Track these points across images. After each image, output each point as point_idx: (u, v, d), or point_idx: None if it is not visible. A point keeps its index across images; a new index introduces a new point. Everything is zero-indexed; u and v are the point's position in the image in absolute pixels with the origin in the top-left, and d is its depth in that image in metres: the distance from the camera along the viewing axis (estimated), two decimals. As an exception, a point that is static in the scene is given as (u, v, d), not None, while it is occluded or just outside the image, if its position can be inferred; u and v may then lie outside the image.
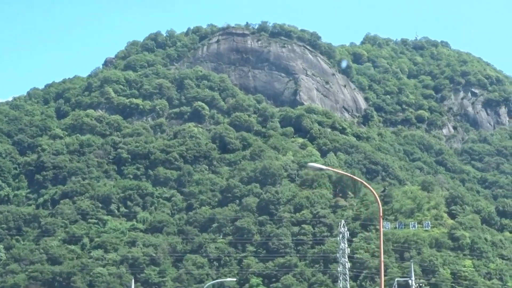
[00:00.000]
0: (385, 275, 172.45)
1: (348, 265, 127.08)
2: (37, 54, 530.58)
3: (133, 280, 65.86)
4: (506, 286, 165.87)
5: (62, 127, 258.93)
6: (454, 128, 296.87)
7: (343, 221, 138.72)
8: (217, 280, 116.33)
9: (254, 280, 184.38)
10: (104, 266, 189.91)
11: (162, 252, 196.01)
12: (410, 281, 40.90)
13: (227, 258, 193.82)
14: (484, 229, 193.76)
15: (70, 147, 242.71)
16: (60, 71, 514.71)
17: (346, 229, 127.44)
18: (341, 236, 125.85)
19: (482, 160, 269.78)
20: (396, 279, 53.89)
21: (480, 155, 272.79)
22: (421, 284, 50.29)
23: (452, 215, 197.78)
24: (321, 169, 33.98)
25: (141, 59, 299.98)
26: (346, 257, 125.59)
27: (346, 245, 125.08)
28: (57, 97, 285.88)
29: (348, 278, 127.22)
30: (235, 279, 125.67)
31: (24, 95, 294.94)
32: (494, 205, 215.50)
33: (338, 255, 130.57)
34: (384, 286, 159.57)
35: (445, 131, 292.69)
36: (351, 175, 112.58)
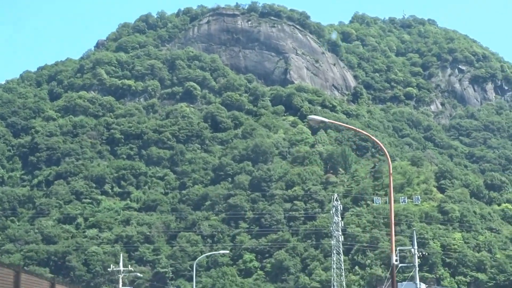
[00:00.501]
0: (376, 249, 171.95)
1: (341, 238, 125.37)
2: (29, 37, 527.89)
3: (121, 255, 64.13)
4: (495, 258, 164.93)
5: (55, 109, 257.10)
6: (442, 104, 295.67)
7: (335, 195, 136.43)
8: (210, 253, 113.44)
9: (247, 256, 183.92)
10: (99, 245, 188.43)
11: (156, 230, 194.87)
12: (412, 250, 38.88)
13: (220, 235, 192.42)
14: (473, 202, 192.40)
15: (63, 128, 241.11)
16: (52, 54, 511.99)
17: (339, 203, 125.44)
18: (334, 209, 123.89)
19: (470, 135, 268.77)
20: (398, 248, 51.72)
21: (467, 131, 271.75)
22: (424, 253, 48.17)
23: (442, 189, 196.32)
24: (323, 122, 31.91)
25: (132, 40, 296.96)
26: (340, 230, 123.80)
27: (340, 219, 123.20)
28: (50, 80, 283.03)
29: (341, 251, 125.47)
30: (228, 251, 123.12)
31: (17, 78, 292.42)
32: (482, 179, 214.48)
33: (331, 228, 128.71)
34: (376, 259, 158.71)
35: (433, 107, 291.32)
36: (356, 129, 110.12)
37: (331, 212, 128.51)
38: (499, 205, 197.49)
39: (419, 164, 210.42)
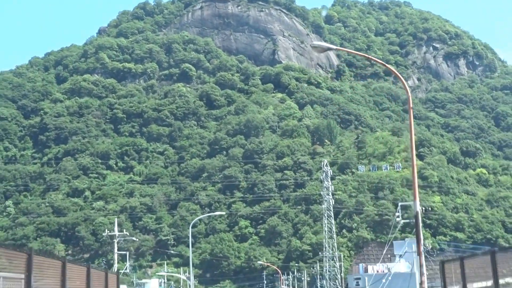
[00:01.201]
0: (361, 213, 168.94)
1: (332, 202, 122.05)
2: (36, 26, 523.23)
3: (116, 220, 60.89)
4: (472, 218, 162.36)
5: (62, 92, 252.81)
6: (418, 79, 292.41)
7: (325, 161, 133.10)
8: (207, 214, 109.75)
9: (243, 223, 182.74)
10: (105, 216, 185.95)
11: (157, 201, 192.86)
12: (412, 204, 35.14)
13: (217, 203, 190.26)
14: (450, 168, 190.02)
15: (70, 109, 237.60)
16: (57, 40, 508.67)
17: (328, 168, 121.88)
18: (324, 175, 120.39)
19: (445, 107, 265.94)
20: (399, 204, 47.94)
21: (442, 103, 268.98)
22: (427, 208, 44.46)
23: (421, 157, 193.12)
24: (329, 49, 27.63)
25: (131, 26, 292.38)
26: (330, 194, 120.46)
27: (330, 183, 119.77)
28: (56, 64, 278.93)
29: (332, 214, 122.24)
30: (224, 213, 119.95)
31: (26, 63, 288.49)
32: (458, 147, 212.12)
33: (322, 193, 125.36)
34: (362, 222, 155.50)
35: (410, 82, 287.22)
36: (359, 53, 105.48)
37: (321, 177, 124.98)
38: (474, 170, 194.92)
39: (399, 134, 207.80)
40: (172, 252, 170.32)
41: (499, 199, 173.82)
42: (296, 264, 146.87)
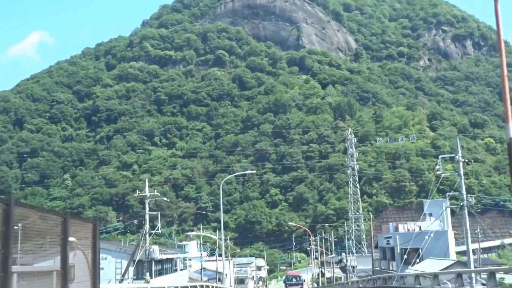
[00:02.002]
0: (380, 180, 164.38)
1: (357, 167, 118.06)
2: (88, 20, 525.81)
3: (146, 180, 58.97)
4: (481, 183, 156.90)
5: (111, 78, 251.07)
6: (429, 60, 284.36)
7: (350, 129, 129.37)
8: (239, 173, 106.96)
9: (273, 191, 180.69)
10: (151, 187, 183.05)
11: (197, 173, 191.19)
12: (457, 157, 31.55)
13: (250, 174, 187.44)
14: (461, 138, 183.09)
15: (118, 93, 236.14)
16: (107, 32, 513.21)
17: (353, 136, 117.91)
18: (348, 142, 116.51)
19: (453, 84, 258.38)
20: (440, 156, 43.36)
21: (451, 80, 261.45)
22: (466, 160, 40.46)
23: (433, 129, 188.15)
24: None
25: (171, 18, 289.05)
26: (355, 160, 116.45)
27: (354, 150, 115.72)
28: (106, 54, 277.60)
29: (357, 179, 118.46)
30: (254, 171, 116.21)
31: (79, 53, 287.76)
32: (467, 119, 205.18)
33: (346, 159, 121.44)
34: (380, 188, 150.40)
35: (421, 62, 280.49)
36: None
37: (346, 145, 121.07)
38: (482, 139, 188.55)
39: (413, 109, 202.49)
40: (206, 212, 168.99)
41: (506, 166, 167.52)
42: (325, 225, 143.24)
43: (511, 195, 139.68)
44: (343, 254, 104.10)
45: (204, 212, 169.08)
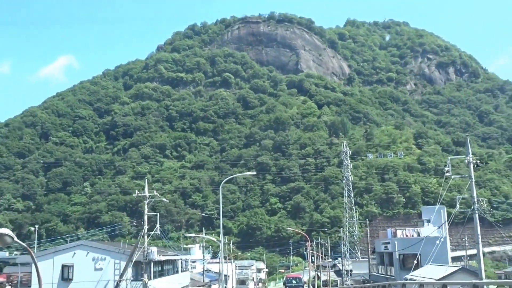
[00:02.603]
0: (371, 192, 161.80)
1: (351, 178, 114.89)
2: (108, 44, 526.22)
3: (146, 180, 55.87)
4: (463, 197, 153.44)
5: (128, 96, 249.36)
6: (415, 84, 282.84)
7: (345, 142, 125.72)
8: (238, 174, 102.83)
9: (273, 200, 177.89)
10: (162, 194, 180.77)
11: (204, 183, 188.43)
12: (468, 158, 27.51)
13: (252, 185, 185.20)
14: (444, 155, 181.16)
15: (134, 110, 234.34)
16: (125, 56, 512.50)
17: (348, 149, 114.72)
18: (344, 154, 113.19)
19: (437, 107, 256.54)
20: (449, 158, 40.07)
21: (435, 103, 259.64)
22: (477, 161, 36.80)
23: (419, 146, 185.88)
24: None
25: (183, 44, 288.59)
26: (349, 171, 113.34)
27: (349, 162, 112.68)
28: (124, 75, 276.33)
29: (351, 188, 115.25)
30: (254, 173, 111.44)
31: (100, 74, 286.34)
32: (450, 138, 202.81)
33: (342, 169, 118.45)
34: (370, 199, 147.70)
35: (408, 87, 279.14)
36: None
37: (342, 157, 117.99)
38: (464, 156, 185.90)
39: (401, 128, 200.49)
40: (206, 215, 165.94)
41: (486, 181, 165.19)
42: (320, 232, 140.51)
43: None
44: (339, 258, 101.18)
45: (204, 214, 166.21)
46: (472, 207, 30.45)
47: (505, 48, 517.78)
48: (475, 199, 30.26)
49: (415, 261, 46.87)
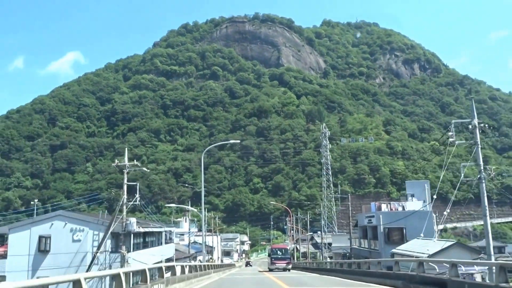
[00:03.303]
0: (344, 173, 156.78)
1: (329, 157, 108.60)
2: (110, 40, 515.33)
3: (126, 149, 48.94)
4: (428, 178, 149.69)
5: (127, 86, 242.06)
6: (383, 78, 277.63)
7: (324, 124, 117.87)
8: (222, 143, 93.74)
9: (256, 180, 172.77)
10: (156, 174, 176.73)
11: (194, 164, 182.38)
12: (473, 122, 21.98)
13: (237, 166, 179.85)
14: (411, 140, 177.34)
15: (132, 99, 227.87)
16: (125, 51, 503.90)
17: (327, 130, 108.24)
18: (323, 135, 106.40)
19: (403, 98, 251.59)
20: (452, 121, 33.25)
21: (401, 95, 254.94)
22: (485, 124, 30.33)
23: (388, 132, 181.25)
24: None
25: (176, 40, 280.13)
26: (328, 151, 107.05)
27: (328, 142, 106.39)
28: (124, 68, 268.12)
29: (330, 167, 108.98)
30: (238, 141, 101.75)
31: (102, 67, 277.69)
32: (416, 125, 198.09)
33: (321, 150, 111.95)
34: (344, 180, 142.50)
35: (377, 80, 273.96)
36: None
37: (321, 137, 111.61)
38: (428, 142, 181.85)
39: (371, 116, 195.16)
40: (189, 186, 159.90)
41: (448, 164, 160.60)
42: (303, 206, 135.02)
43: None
44: (319, 232, 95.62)
45: (187, 185, 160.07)
46: (479, 176, 24.60)
47: (464, 47, 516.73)
48: (481, 167, 24.43)
49: (400, 236, 41.39)
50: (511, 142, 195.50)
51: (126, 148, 45.24)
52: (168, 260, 51.23)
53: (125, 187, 36.12)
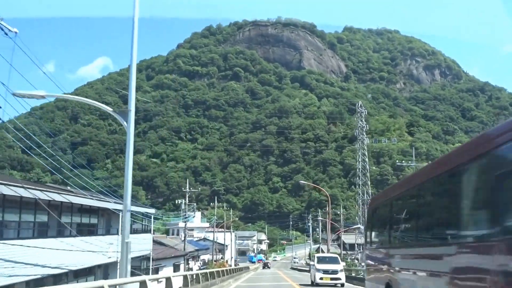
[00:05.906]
0: (366, 173, 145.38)
1: (366, 140, 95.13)
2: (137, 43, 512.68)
3: (187, 180, 41.28)
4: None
5: (150, 86, 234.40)
6: (404, 83, 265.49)
7: (360, 102, 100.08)
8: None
9: (275, 179, 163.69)
10: (175, 172, 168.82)
11: (213, 163, 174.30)
12: None
13: (256, 165, 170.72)
14: (435, 142, 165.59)
15: (155, 98, 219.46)
16: (149, 51, 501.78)
17: (363, 109, 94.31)
18: (358, 115, 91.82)
19: (424, 103, 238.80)
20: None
21: (422, 100, 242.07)
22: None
23: (411, 134, 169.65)
24: None
25: (200, 42, 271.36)
26: (364, 133, 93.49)
27: (364, 123, 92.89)
28: (147, 68, 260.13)
29: (366, 153, 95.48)
30: None
31: (125, 67, 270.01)
32: (440, 127, 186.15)
33: (356, 132, 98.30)
34: (367, 180, 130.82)
35: (398, 85, 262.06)
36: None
37: (356, 118, 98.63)
38: (453, 144, 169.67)
39: (394, 117, 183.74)
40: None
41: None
42: (323, 207, 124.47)
43: None
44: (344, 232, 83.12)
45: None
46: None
47: (484, 54, 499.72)
48: None
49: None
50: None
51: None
52: (145, 259, 38.58)
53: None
